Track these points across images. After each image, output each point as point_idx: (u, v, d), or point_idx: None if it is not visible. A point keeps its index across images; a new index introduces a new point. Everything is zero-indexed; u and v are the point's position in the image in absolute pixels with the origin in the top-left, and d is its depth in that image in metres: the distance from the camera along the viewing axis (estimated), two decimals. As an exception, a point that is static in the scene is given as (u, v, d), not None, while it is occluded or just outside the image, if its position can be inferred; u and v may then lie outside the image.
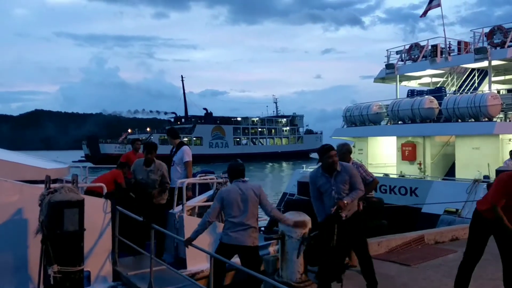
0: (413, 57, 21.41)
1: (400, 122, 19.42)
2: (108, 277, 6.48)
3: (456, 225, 10.61)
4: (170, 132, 8.95)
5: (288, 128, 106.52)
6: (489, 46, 18.28)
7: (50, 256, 5.12)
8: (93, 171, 17.33)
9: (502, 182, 4.79)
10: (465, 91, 20.15)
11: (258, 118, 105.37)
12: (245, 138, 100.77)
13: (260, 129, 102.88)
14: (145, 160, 7.50)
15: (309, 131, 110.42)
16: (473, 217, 5.20)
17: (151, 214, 6.89)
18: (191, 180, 7.97)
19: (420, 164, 18.50)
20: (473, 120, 16.72)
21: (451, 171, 17.70)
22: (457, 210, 13.07)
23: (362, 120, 21.08)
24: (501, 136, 16.18)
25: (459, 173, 16.49)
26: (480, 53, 17.88)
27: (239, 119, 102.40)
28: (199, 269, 6.85)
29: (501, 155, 15.68)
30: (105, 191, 7.11)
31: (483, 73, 20.11)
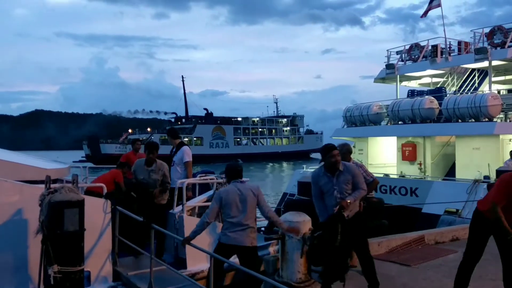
0: (413, 57, 21.41)
1: (400, 122, 19.42)
2: (108, 277, 6.49)
3: (457, 225, 10.59)
4: (170, 132, 8.94)
5: (288, 128, 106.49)
6: (489, 46, 18.28)
7: (50, 256, 5.13)
8: (93, 171, 17.34)
9: (505, 183, 4.79)
10: (466, 91, 20.15)
11: (258, 118, 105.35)
12: (246, 138, 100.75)
13: (260, 129, 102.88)
14: (146, 160, 7.49)
15: (309, 131, 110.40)
16: (473, 217, 5.19)
17: (152, 214, 6.90)
18: (191, 180, 7.97)
19: (420, 164, 18.50)
20: (474, 120, 16.72)
21: (451, 171, 17.70)
22: (458, 210, 13.06)
23: (362, 120, 21.08)
24: (501, 137, 16.18)
25: (459, 173, 16.48)
26: (480, 53, 17.88)
27: (240, 119, 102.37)
28: (199, 269, 6.86)
29: (502, 155, 15.68)
30: (105, 191, 7.12)
31: (484, 73, 20.11)
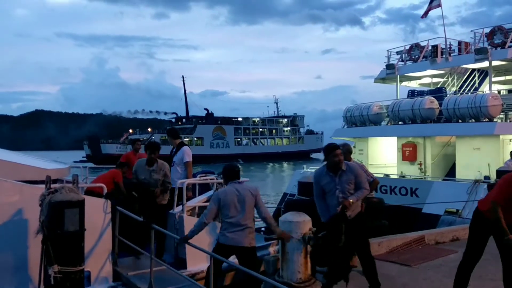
0: (413, 57, 21.41)
1: (400, 123, 19.41)
2: (108, 277, 6.49)
3: (457, 226, 10.59)
4: (170, 132, 8.91)
5: (289, 128, 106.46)
6: (489, 47, 18.27)
7: (51, 256, 5.12)
8: (94, 171, 17.35)
9: (507, 183, 4.78)
10: (466, 91, 20.15)
11: (259, 119, 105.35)
12: (246, 139, 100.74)
13: (261, 130, 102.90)
14: (148, 159, 7.49)
15: (310, 132, 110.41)
16: (473, 217, 5.19)
17: (153, 214, 6.90)
18: (191, 181, 7.97)
19: (420, 164, 18.50)
20: (474, 120, 16.72)
21: (451, 172, 17.69)
22: (458, 210, 13.06)
23: (363, 120, 21.07)
24: (501, 137, 16.17)
25: (459, 174, 16.48)
26: (481, 53, 17.88)
27: (240, 119, 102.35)
28: (199, 269, 6.85)
29: (502, 156, 15.66)
30: (105, 191, 7.13)
31: (484, 74, 20.11)
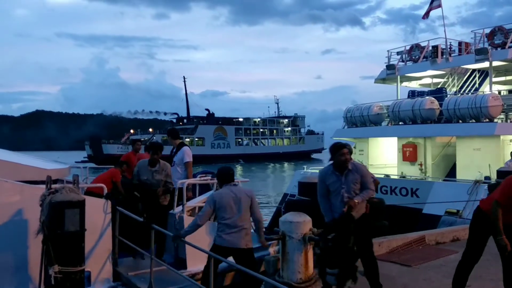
0: (413, 57, 21.42)
1: (401, 123, 19.42)
2: (108, 277, 6.49)
3: (457, 226, 10.59)
4: (170, 132, 8.90)
5: (289, 128, 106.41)
6: (490, 47, 18.29)
7: (51, 256, 5.13)
8: (95, 171, 17.36)
9: (510, 184, 4.79)
10: (466, 92, 20.18)
11: (259, 119, 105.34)
12: (247, 139, 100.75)
13: (261, 130, 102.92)
14: (150, 160, 7.49)
15: (310, 132, 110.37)
16: (474, 217, 5.18)
17: (154, 214, 6.90)
18: (191, 181, 7.97)
19: (421, 165, 18.50)
20: (474, 121, 16.72)
21: (452, 172, 17.70)
22: (458, 211, 13.07)
23: (363, 120, 21.07)
24: (502, 137, 16.18)
25: (460, 174, 16.48)
26: (481, 53, 17.89)
27: (241, 119, 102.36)
28: (199, 269, 6.82)
29: (502, 156, 15.68)
30: (106, 191, 7.13)
31: (484, 74, 20.13)
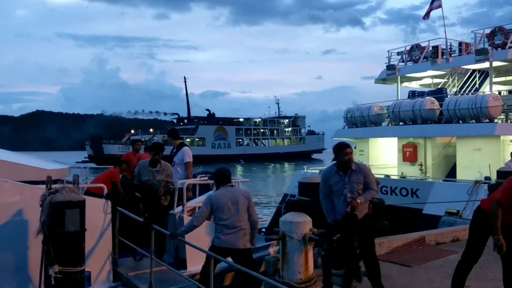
0: (414, 58, 21.41)
1: (401, 123, 19.41)
2: (108, 277, 6.50)
3: (457, 226, 10.58)
4: (170, 132, 8.89)
5: (290, 129, 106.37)
6: (490, 47, 18.28)
7: (51, 257, 5.14)
8: (95, 171, 17.35)
9: None
10: (466, 92, 20.16)
11: (260, 119, 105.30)
12: (248, 139, 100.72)
13: (262, 130, 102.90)
14: (151, 160, 7.49)
15: (311, 132, 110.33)
16: (474, 216, 5.18)
17: (155, 214, 6.89)
18: (191, 181, 7.96)
19: (421, 165, 18.49)
20: (474, 121, 16.71)
21: (452, 172, 17.69)
22: (458, 211, 13.07)
23: (363, 121, 21.05)
24: (502, 137, 16.17)
25: (460, 174, 16.47)
26: (481, 54, 17.88)
27: (242, 120, 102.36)
28: (199, 269, 6.80)
29: (502, 156, 15.66)
30: (106, 191, 7.14)
31: (484, 74, 20.10)
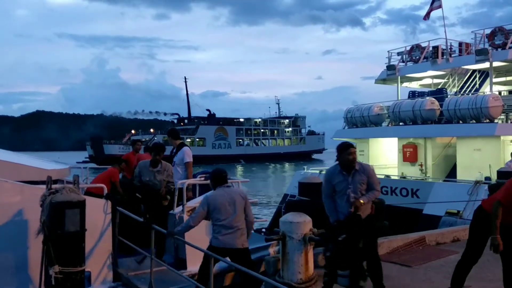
0: (414, 58, 21.42)
1: (401, 124, 19.41)
2: (108, 277, 6.50)
3: (458, 226, 10.57)
4: (170, 132, 8.88)
5: (290, 129, 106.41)
6: (490, 48, 18.29)
7: (52, 257, 5.14)
8: (95, 171, 17.33)
9: None
10: (466, 92, 20.16)
11: (260, 119, 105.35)
12: (248, 139, 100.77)
13: (262, 130, 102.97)
14: (152, 161, 7.49)
15: (311, 132, 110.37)
16: (475, 216, 5.18)
17: (156, 215, 6.89)
18: (191, 181, 7.95)
19: (421, 165, 18.49)
20: (474, 121, 16.71)
21: (452, 173, 17.70)
22: (459, 211, 13.07)
23: (363, 121, 21.05)
24: (502, 138, 16.17)
25: (460, 175, 16.47)
26: (481, 54, 17.89)
27: (242, 120, 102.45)
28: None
29: (503, 157, 15.66)
30: (106, 191, 7.14)
31: (484, 75, 20.10)
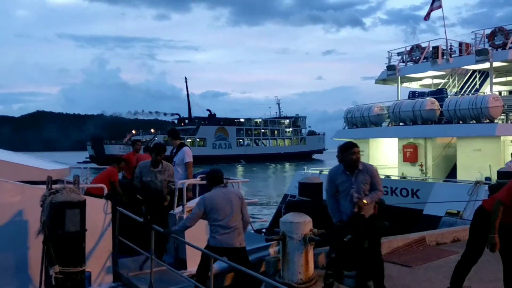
0: (414, 58, 21.39)
1: (401, 124, 19.40)
2: (108, 278, 6.50)
3: (458, 227, 10.57)
4: (170, 132, 8.90)
5: (290, 129, 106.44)
6: (490, 48, 18.27)
7: (52, 257, 5.14)
8: (95, 171, 17.32)
9: None
10: (467, 92, 20.15)
11: (261, 120, 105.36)
12: (248, 139, 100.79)
13: (263, 130, 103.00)
14: (153, 161, 7.49)
15: (311, 132, 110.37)
16: (475, 216, 5.18)
17: (158, 216, 6.89)
18: (191, 181, 7.96)
19: (421, 165, 18.48)
20: (475, 121, 16.69)
21: (452, 173, 17.68)
22: (459, 211, 13.05)
23: (364, 121, 21.03)
24: (502, 138, 16.16)
25: (460, 175, 16.45)
26: (481, 54, 17.88)
27: (242, 120, 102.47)
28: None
29: (503, 157, 15.64)
30: (106, 192, 7.14)
31: (485, 75, 20.08)
